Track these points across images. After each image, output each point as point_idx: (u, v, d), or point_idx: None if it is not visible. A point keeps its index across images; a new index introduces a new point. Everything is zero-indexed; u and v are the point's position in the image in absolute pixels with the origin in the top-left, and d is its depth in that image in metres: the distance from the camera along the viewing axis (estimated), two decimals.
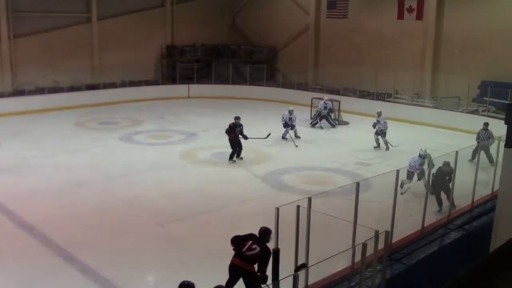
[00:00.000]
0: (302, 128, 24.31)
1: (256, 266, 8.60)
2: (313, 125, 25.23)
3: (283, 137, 22.52)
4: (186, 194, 15.45)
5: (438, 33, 27.76)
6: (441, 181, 12.93)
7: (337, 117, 26.10)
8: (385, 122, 21.18)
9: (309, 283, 8.15)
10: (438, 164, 12.98)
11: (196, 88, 32.98)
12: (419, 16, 28.21)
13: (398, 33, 29.36)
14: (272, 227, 8.48)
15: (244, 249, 8.65)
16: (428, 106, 26.90)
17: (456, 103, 26.31)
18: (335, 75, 30.88)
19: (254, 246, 8.64)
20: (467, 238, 10.85)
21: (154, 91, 32.01)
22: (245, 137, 18.91)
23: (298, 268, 8.22)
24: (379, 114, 21.46)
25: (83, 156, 19.48)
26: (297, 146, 21.48)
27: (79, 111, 27.49)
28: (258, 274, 8.56)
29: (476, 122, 23.53)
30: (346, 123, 26.05)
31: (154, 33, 34.33)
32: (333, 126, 25.21)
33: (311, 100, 26.77)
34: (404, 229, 10.96)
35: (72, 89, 29.80)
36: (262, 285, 8.50)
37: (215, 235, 12.56)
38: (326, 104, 25.22)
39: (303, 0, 33.77)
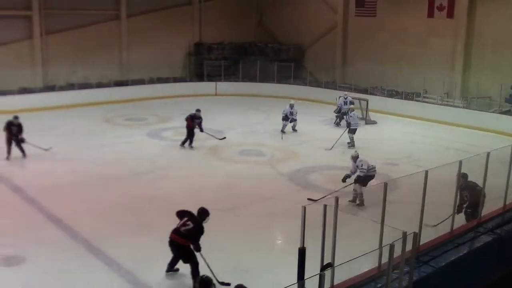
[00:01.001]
0: (327, 127, 24.21)
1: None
2: (336, 124, 24.90)
3: (282, 131, 22.51)
4: (211, 191, 15.38)
5: (469, 32, 27.33)
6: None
7: (365, 117, 25.83)
8: (353, 117, 20.88)
9: (335, 283, 8.02)
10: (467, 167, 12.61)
11: (223, 86, 32.98)
12: (450, 15, 27.77)
13: (428, 32, 29.01)
14: (298, 226, 8.36)
15: (179, 225, 9.72)
16: (458, 106, 26.48)
17: (487, 103, 25.87)
18: (363, 73, 30.62)
19: (188, 222, 9.68)
20: (498, 242, 10.57)
21: (181, 88, 32.10)
22: (201, 130, 20.28)
23: (324, 268, 8.10)
24: (352, 110, 21.41)
25: (110, 151, 19.64)
26: (282, 138, 21.73)
27: (107, 107, 27.75)
28: (192, 246, 9.58)
29: (508, 122, 23.20)
30: (374, 122, 25.77)
31: (182, 31, 34.52)
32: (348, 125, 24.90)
33: (336, 99, 26.42)
34: (432, 231, 10.75)
35: (100, 85, 30.18)
36: (197, 253, 9.60)
37: (239, 233, 12.50)
38: (346, 99, 24.88)
39: None
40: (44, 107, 26.42)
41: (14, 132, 17.84)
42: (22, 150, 18.04)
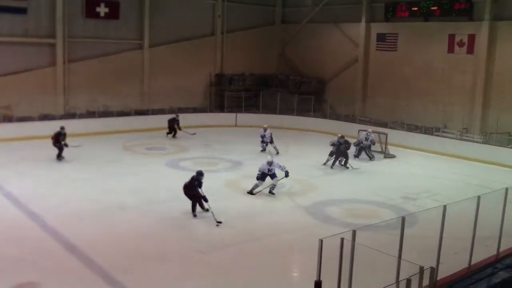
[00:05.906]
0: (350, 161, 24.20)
1: None
2: (355, 156, 24.85)
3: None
4: (229, 222, 15.41)
5: (489, 68, 27.38)
6: None
7: (384, 150, 25.87)
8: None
9: None
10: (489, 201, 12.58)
11: (243, 117, 33.26)
12: (470, 51, 27.93)
13: (448, 67, 29.09)
14: (314, 259, 8.41)
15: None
16: (477, 142, 26.39)
17: (506, 139, 25.75)
18: (383, 107, 30.74)
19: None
20: None
21: (201, 119, 32.43)
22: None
23: None
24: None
25: (128, 180, 19.76)
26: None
27: (127, 136, 28.04)
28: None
29: None
30: (392, 156, 25.77)
31: (203, 61, 34.93)
32: (370, 158, 24.96)
33: (358, 132, 26.57)
34: (450, 266, 10.70)
35: (121, 113, 30.49)
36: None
37: (256, 265, 12.52)
38: (368, 135, 25.07)
39: (352, 32, 33.87)
40: None
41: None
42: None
